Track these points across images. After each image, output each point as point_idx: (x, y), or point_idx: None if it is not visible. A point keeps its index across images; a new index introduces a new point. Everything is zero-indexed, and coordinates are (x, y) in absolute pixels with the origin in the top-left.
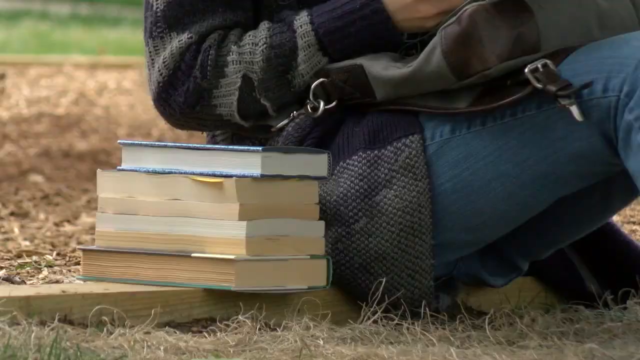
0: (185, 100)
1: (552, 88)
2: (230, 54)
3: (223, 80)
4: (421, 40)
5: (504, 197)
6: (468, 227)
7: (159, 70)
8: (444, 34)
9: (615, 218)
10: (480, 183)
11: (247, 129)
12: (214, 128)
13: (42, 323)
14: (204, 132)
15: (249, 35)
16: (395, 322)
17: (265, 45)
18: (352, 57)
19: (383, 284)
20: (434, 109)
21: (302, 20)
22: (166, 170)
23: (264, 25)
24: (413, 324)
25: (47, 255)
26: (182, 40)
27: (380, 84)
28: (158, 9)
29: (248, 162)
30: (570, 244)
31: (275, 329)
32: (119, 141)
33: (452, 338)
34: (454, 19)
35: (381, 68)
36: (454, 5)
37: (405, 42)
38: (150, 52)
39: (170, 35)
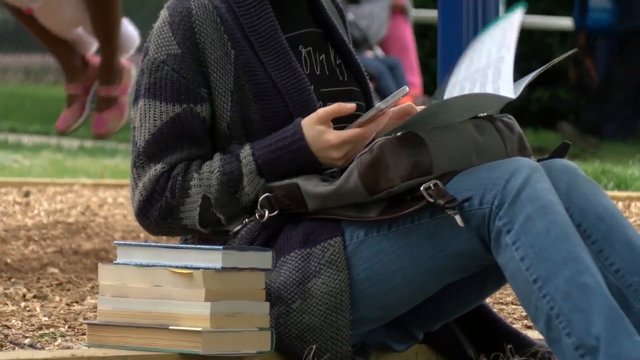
0: (159, 214)
1: (441, 202)
2: (193, 179)
3: (187, 199)
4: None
5: (404, 284)
6: (378, 306)
7: (140, 192)
8: (359, 160)
9: (489, 300)
10: (387, 273)
11: (209, 233)
12: (181, 235)
13: None
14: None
15: (207, 165)
16: None
17: (219, 173)
18: (286, 178)
19: (313, 350)
20: (351, 217)
21: (246, 153)
22: (150, 264)
23: (217, 157)
24: None
25: (61, 328)
26: (157, 169)
27: (311, 198)
28: (140, 146)
29: (212, 257)
30: (454, 319)
31: None
32: (115, 242)
33: None
34: (367, 148)
35: (312, 186)
36: (353, 155)
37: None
38: (134, 178)
39: (149, 166)
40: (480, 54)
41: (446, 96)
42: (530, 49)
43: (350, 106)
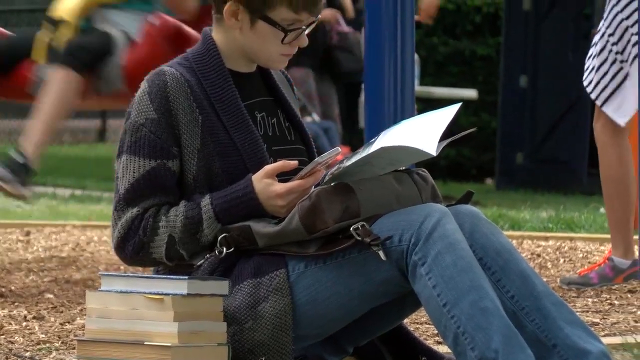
0: (133, 249)
1: (367, 240)
2: (161, 221)
3: (156, 237)
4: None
5: (337, 307)
6: (315, 325)
7: (119, 230)
8: (300, 206)
9: (406, 320)
10: (323, 299)
11: (175, 265)
12: (152, 266)
13: None
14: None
15: (173, 210)
16: None
17: (182, 217)
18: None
19: None
20: (294, 252)
21: (205, 202)
22: (129, 291)
23: (183, 203)
24: None
25: (55, 343)
26: (133, 212)
27: (261, 237)
28: (121, 194)
29: (179, 285)
30: (378, 335)
31: None
32: (99, 273)
33: None
34: (306, 196)
35: (262, 227)
36: (294, 204)
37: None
38: (115, 219)
39: (127, 209)
40: (412, 124)
41: (376, 146)
42: None
43: (293, 163)
